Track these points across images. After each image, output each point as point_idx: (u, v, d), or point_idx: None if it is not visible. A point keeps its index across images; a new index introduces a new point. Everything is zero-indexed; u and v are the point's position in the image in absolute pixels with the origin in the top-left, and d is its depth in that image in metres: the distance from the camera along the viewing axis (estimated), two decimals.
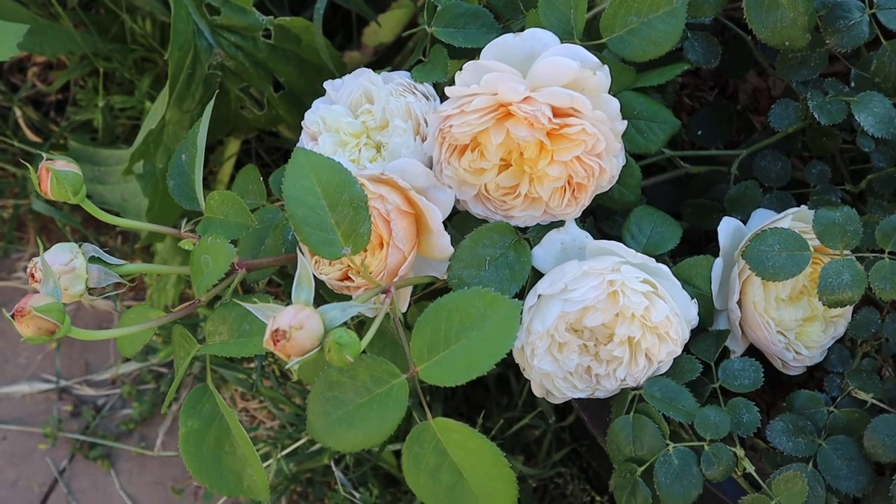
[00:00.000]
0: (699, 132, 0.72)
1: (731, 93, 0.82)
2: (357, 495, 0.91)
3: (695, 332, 0.58)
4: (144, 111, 1.05)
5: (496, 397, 0.95)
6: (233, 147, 1.04)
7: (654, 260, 0.54)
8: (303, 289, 0.46)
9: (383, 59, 1.02)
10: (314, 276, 0.55)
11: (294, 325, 0.43)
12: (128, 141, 1.08)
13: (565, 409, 0.92)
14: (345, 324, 0.47)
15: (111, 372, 1.07)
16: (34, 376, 1.07)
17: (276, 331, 0.43)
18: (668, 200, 0.70)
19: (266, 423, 1.00)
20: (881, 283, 0.53)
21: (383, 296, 0.52)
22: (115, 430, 1.04)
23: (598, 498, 0.92)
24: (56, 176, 0.47)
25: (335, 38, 1.07)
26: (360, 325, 0.63)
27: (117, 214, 0.99)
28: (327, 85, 0.64)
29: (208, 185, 1.04)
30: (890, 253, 0.54)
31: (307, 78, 0.90)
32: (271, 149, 1.09)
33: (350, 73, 1.03)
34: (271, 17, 0.85)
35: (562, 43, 0.55)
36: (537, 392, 0.56)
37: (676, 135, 0.74)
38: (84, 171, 1.05)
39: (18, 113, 1.11)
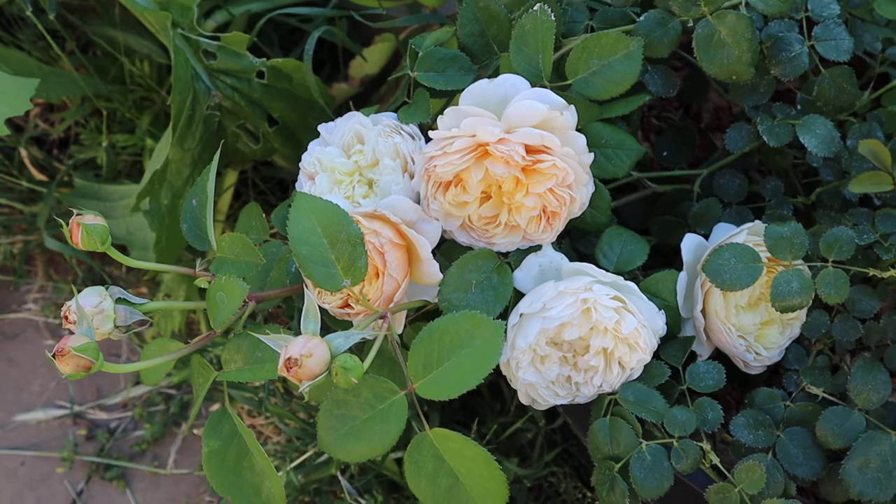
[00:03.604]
0: (664, 153, 0.78)
1: (696, 112, 0.89)
2: (363, 502, 0.97)
3: (665, 340, 0.64)
4: (145, 148, 1.11)
5: (490, 403, 1.01)
6: (231, 178, 1.10)
7: (622, 278, 0.60)
8: (310, 320, 0.51)
9: (369, 90, 1.08)
10: (320, 305, 0.61)
11: (304, 353, 0.49)
12: (130, 176, 1.14)
13: (554, 412, 0.98)
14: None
15: (122, 396, 1.12)
16: (49, 403, 1.13)
17: (289, 359, 0.49)
18: (640, 217, 0.76)
19: (273, 438, 1.06)
20: (826, 289, 0.59)
21: (381, 321, 0.58)
22: (129, 451, 1.09)
23: (589, 494, 0.98)
24: (86, 229, 0.53)
25: (323, 70, 1.13)
26: (361, 345, 0.69)
27: (124, 247, 1.05)
28: (321, 128, 0.70)
29: None
30: (833, 262, 0.60)
31: (299, 113, 0.96)
32: (267, 178, 1.15)
33: (339, 103, 1.09)
34: (264, 59, 0.91)
35: (532, 86, 0.61)
36: (524, 400, 0.62)
37: (645, 156, 0.81)
38: (90, 207, 1.12)
39: (24, 153, 1.17)
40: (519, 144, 0.57)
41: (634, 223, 0.76)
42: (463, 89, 0.64)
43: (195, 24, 0.88)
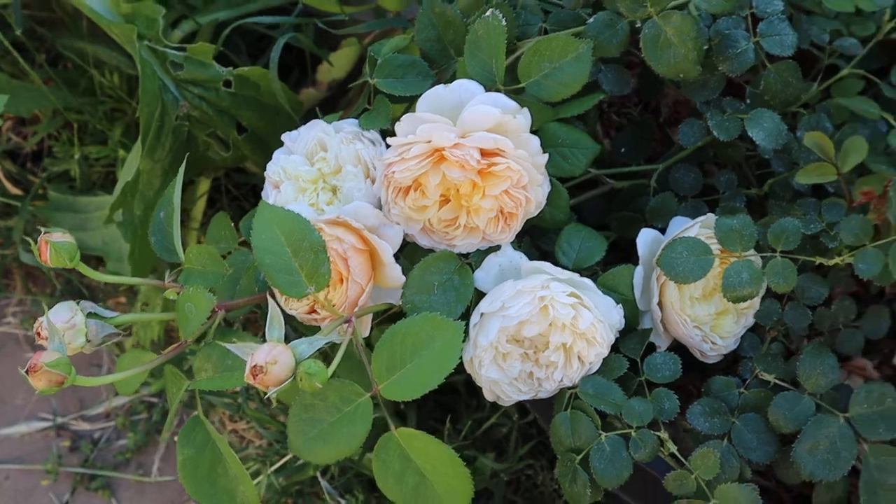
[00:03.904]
0: (622, 150, 0.80)
1: (655, 106, 0.91)
2: (343, 502, 0.98)
3: (624, 332, 0.66)
4: (118, 158, 1.12)
5: (466, 400, 1.03)
6: (204, 186, 1.11)
7: (580, 274, 0.62)
8: (274, 328, 0.53)
9: (338, 94, 1.09)
10: (286, 312, 0.63)
11: (269, 360, 0.51)
12: (104, 187, 1.15)
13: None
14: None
15: (104, 406, 1.13)
16: (31, 416, 1.14)
17: (255, 367, 0.51)
18: (600, 213, 0.78)
19: (255, 441, 1.07)
20: (775, 279, 0.61)
21: (346, 325, 0.60)
22: (113, 460, 1.10)
23: None
24: (54, 247, 0.54)
25: (291, 75, 1.14)
26: (332, 347, 0.70)
27: (100, 259, 1.07)
28: (285, 137, 0.71)
29: (184, 223, 1.11)
30: (782, 252, 0.62)
31: (267, 120, 0.97)
32: (240, 184, 1.16)
33: (307, 108, 1.10)
34: (231, 68, 0.92)
35: (487, 90, 0.63)
36: (488, 397, 0.64)
37: (606, 152, 0.83)
38: (65, 220, 1.13)
39: None
40: (474, 148, 0.59)
41: (595, 219, 0.78)
42: (421, 94, 0.65)
43: (161, 36, 0.89)
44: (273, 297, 0.58)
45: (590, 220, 0.78)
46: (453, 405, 1.04)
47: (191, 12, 1.01)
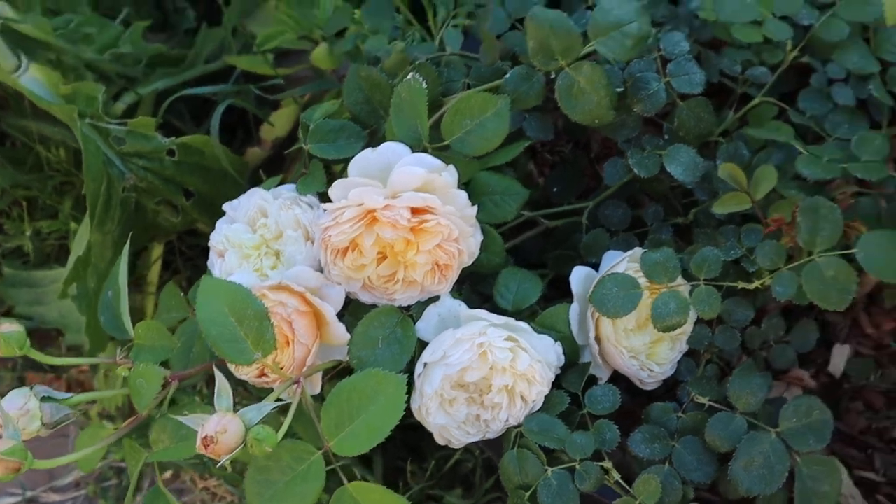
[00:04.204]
0: (555, 189, 0.83)
1: (585, 142, 0.94)
2: None
3: (566, 368, 0.69)
4: (70, 231, 1.13)
5: (429, 438, 1.05)
6: (157, 251, 1.13)
7: (517, 317, 0.65)
8: (223, 398, 0.55)
9: (282, 150, 1.12)
10: (238, 377, 0.65)
11: (219, 430, 0.53)
12: (59, 260, 1.16)
13: None
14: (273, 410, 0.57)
15: (74, 475, 1.14)
16: (1, 492, 1.14)
17: (205, 437, 0.53)
18: (539, 252, 0.81)
19: (226, 497, 1.08)
20: (701, 306, 0.65)
21: (295, 386, 0.62)
22: None
23: None
24: (3, 338, 0.56)
25: (236, 136, 1.17)
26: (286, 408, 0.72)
27: (59, 331, 1.08)
28: (226, 206, 0.73)
29: (140, 288, 1.13)
30: (706, 280, 0.66)
31: (213, 184, 0.99)
32: (193, 245, 1.18)
33: (254, 167, 1.13)
34: (173, 137, 0.94)
35: (413, 150, 0.66)
36: (440, 441, 0.67)
37: (543, 192, 0.86)
38: (21, 295, 1.14)
39: None
40: (403, 208, 0.62)
41: (534, 258, 0.81)
42: (354, 156, 0.68)
43: (102, 113, 0.91)
44: (222, 366, 0.60)
45: (530, 260, 0.81)
46: (418, 443, 1.06)
47: (131, 84, 1.04)
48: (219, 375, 0.56)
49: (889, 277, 0.60)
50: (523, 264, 0.79)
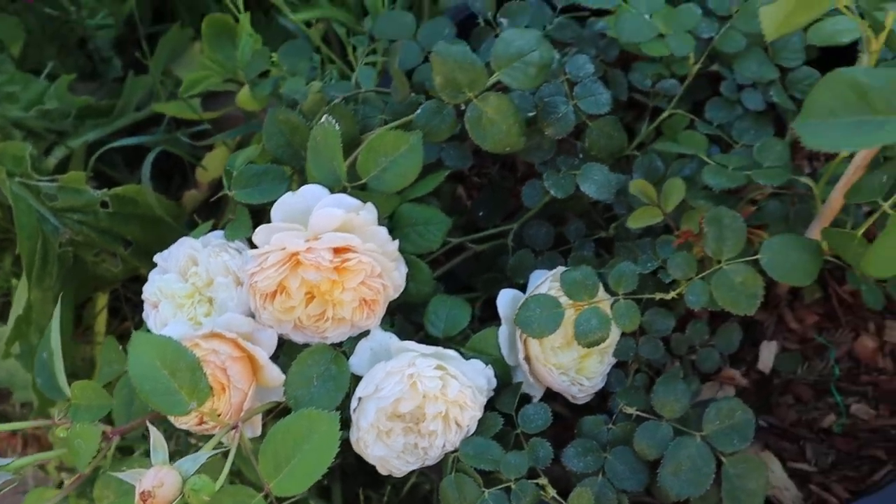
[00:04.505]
0: (481, 213, 0.85)
1: (511, 164, 0.97)
2: None
3: (500, 388, 0.71)
4: (11, 287, 1.13)
5: None
6: (102, 300, 1.13)
7: (444, 347, 0.67)
8: (158, 452, 0.57)
9: (219, 191, 1.13)
10: (178, 426, 0.67)
11: (156, 484, 0.54)
12: (3, 317, 1.16)
13: None
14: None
15: None
16: None
17: (143, 492, 0.54)
18: (470, 275, 0.83)
19: None
20: (621, 320, 0.67)
21: (233, 431, 0.63)
22: None
23: None
24: None
25: (172, 180, 1.18)
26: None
27: (8, 390, 1.08)
28: (157, 258, 0.75)
29: (87, 339, 1.13)
30: (625, 294, 0.68)
31: (150, 231, 1.00)
32: (138, 291, 1.18)
33: (191, 210, 1.14)
34: (106, 189, 0.95)
35: (332, 191, 0.68)
36: (382, 471, 0.68)
37: (468, 216, 0.88)
38: None
39: None
40: (325, 250, 0.63)
41: (465, 283, 0.83)
42: (278, 199, 0.70)
43: (30, 171, 0.92)
44: (155, 420, 0.61)
45: (462, 284, 0.83)
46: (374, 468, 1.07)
47: (61, 138, 1.04)
48: (153, 430, 0.58)
49: (790, 280, 0.63)
50: (456, 289, 0.82)
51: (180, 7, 1.15)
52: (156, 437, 0.57)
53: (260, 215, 0.77)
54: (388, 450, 0.66)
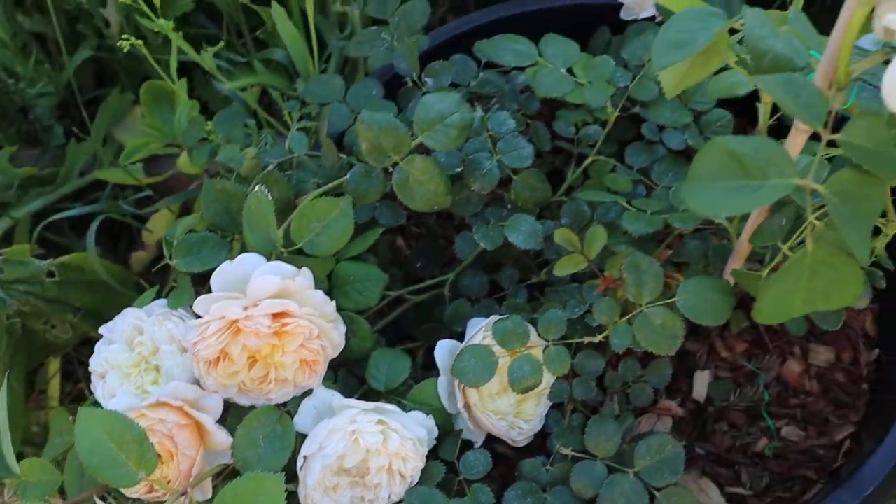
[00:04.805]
0: (419, 264, 0.88)
1: (448, 213, 0.99)
2: None
3: (443, 437, 0.73)
4: None
5: None
6: (54, 365, 1.14)
7: (384, 401, 0.70)
8: None
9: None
10: (129, 496, 0.68)
11: None
12: None
13: None
14: None
15: None
16: None
17: None
18: (411, 325, 0.86)
19: None
20: (552, 365, 0.70)
21: (182, 497, 0.65)
22: None
23: None
24: None
25: (120, 241, 1.19)
26: None
27: None
28: (103, 329, 0.77)
29: (41, 404, 1.14)
30: (553, 340, 0.71)
31: (99, 297, 1.02)
32: (90, 354, 1.19)
33: (139, 270, 1.15)
34: (51, 259, 0.97)
35: (269, 258, 0.71)
36: None
37: (408, 267, 0.91)
38: None
39: None
40: (263, 316, 0.66)
41: (409, 332, 0.86)
42: (218, 266, 0.72)
43: None
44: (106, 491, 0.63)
45: (405, 334, 0.86)
46: None
47: (5, 209, 1.06)
48: (99, 503, 0.59)
49: (705, 321, 0.66)
50: (399, 339, 0.84)
51: (121, 72, 1.18)
52: None
53: (203, 279, 0.79)
54: None
